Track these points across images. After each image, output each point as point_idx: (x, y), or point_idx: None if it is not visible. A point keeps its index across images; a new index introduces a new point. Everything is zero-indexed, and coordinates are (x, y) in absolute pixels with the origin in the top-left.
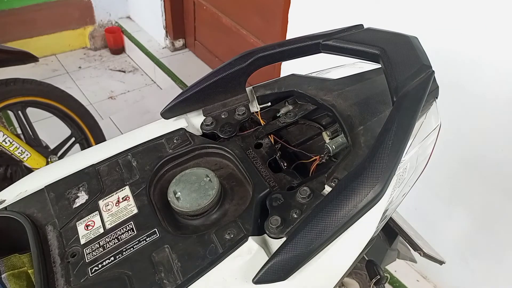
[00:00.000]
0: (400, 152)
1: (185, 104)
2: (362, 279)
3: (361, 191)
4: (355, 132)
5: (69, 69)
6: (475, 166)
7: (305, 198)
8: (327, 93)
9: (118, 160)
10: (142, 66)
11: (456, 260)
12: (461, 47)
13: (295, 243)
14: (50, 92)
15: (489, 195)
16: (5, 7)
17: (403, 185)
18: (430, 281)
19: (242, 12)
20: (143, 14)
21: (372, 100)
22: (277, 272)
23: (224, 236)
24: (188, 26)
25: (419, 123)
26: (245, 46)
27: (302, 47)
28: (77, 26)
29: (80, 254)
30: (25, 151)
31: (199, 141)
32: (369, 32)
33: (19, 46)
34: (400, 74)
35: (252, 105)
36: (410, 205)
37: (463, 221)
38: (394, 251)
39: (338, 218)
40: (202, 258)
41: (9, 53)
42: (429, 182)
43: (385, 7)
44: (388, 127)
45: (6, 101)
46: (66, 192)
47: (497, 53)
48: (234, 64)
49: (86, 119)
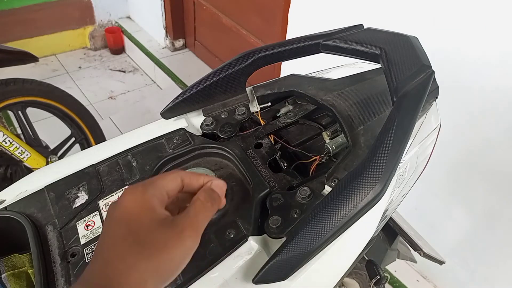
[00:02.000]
0: (400, 152)
1: (185, 104)
2: (362, 279)
3: (361, 191)
4: (355, 132)
5: (69, 69)
6: (475, 166)
7: (305, 198)
8: (327, 93)
9: (118, 160)
10: (142, 66)
11: (456, 260)
12: (461, 47)
13: (295, 243)
14: (50, 92)
15: (489, 195)
16: (5, 7)
17: (403, 185)
18: (430, 281)
19: (242, 12)
20: (143, 14)
21: (372, 100)
22: (277, 272)
23: (224, 236)
24: (188, 26)
25: (419, 123)
26: (245, 46)
27: (302, 47)
28: (77, 26)
29: (80, 254)
30: (25, 151)
31: (199, 141)
32: (369, 32)
33: (19, 46)
34: (400, 74)
35: (252, 105)
36: (410, 205)
37: (463, 221)
38: (394, 251)
39: (338, 218)
40: (202, 258)
41: (9, 53)
42: (429, 182)
43: (385, 7)
44: (388, 127)
45: (6, 101)
46: (66, 192)
47: (498, 52)
48: (234, 64)
49: (86, 119)
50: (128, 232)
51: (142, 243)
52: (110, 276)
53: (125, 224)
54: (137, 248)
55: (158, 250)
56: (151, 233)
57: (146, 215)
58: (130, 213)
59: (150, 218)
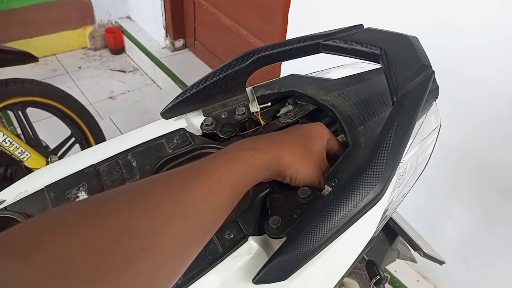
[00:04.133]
0: (400, 152)
1: (185, 104)
2: (362, 279)
3: (361, 191)
4: (355, 132)
5: (69, 69)
6: (475, 166)
7: (305, 198)
8: (327, 93)
9: (118, 160)
10: (142, 66)
11: (456, 260)
12: (461, 47)
13: (295, 243)
14: (50, 92)
15: (489, 195)
16: (5, 7)
17: (403, 185)
18: (430, 281)
19: (242, 12)
20: (143, 14)
21: (372, 100)
22: (277, 272)
23: (224, 236)
24: (188, 26)
25: (419, 123)
26: (245, 46)
27: (302, 47)
28: (77, 26)
29: None
30: (25, 151)
31: (199, 141)
32: (369, 32)
33: (19, 46)
34: (400, 74)
35: (252, 105)
36: (410, 205)
37: (463, 221)
38: (394, 251)
39: (338, 218)
40: (202, 258)
41: (9, 53)
42: (429, 182)
43: (385, 7)
44: (388, 127)
45: (6, 101)
46: (66, 192)
47: (498, 52)
48: (234, 64)
49: (86, 119)
50: (305, 149)
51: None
52: (278, 154)
53: (304, 144)
54: (304, 152)
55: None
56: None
57: (320, 144)
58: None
59: (320, 152)
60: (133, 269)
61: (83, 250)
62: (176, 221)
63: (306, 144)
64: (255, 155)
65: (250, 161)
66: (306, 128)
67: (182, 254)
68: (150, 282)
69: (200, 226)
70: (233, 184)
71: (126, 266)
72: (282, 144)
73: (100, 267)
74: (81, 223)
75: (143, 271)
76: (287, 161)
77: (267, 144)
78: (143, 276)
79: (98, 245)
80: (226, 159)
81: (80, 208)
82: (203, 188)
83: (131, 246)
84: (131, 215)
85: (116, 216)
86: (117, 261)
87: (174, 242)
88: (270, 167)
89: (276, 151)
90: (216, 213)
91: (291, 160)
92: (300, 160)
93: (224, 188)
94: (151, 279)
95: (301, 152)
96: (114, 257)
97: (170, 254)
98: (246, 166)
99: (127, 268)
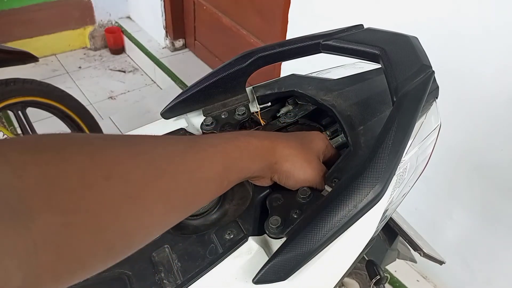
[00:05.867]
0: (400, 152)
1: (185, 104)
2: (362, 279)
3: (361, 191)
4: (355, 132)
5: (69, 69)
6: (475, 166)
7: (305, 198)
8: (327, 93)
9: None
10: (142, 66)
11: (456, 260)
12: (461, 47)
13: (295, 243)
14: (50, 92)
15: (489, 195)
16: (5, 7)
17: (403, 185)
18: (430, 281)
19: (242, 12)
20: (143, 14)
21: (372, 100)
22: (277, 272)
23: (224, 236)
24: (188, 26)
25: (419, 123)
26: (245, 46)
27: (302, 47)
28: (77, 26)
29: None
30: None
31: None
32: (369, 32)
33: (19, 46)
34: (400, 74)
35: (252, 105)
36: (410, 205)
37: (463, 221)
38: (394, 251)
39: (338, 218)
40: (202, 258)
41: (9, 53)
42: (429, 182)
43: (385, 7)
44: (388, 127)
45: (6, 101)
46: None
47: (498, 52)
48: (234, 64)
49: (86, 119)
50: (302, 146)
51: (304, 150)
52: (273, 144)
53: (301, 142)
54: (300, 148)
55: (307, 159)
56: (310, 155)
57: (318, 145)
58: (312, 142)
59: (316, 152)
60: (115, 214)
61: (75, 180)
62: (165, 180)
63: (303, 142)
64: (251, 140)
65: (245, 144)
66: (304, 132)
67: (162, 215)
68: (130, 230)
69: (185, 194)
70: (226, 164)
71: (109, 208)
72: (279, 138)
73: (88, 200)
74: (81, 151)
75: (126, 218)
76: (282, 154)
77: (264, 135)
78: (123, 221)
79: (89, 179)
80: (223, 137)
81: (83, 139)
82: (196, 158)
83: (120, 191)
84: (125, 158)
85: (111, 155)
86: (103, 201)
87: (158, 200)
88: (264, 155)
89: (272, 141)
90: (203, 186)
91: (287, 153)
92: (297, 155)
93: (216, 165)
94: (131, 227)
95: (297, 147)
96: (100, 195)
97: (153, 211)
98: (241, 149)
99: (110, 210)
